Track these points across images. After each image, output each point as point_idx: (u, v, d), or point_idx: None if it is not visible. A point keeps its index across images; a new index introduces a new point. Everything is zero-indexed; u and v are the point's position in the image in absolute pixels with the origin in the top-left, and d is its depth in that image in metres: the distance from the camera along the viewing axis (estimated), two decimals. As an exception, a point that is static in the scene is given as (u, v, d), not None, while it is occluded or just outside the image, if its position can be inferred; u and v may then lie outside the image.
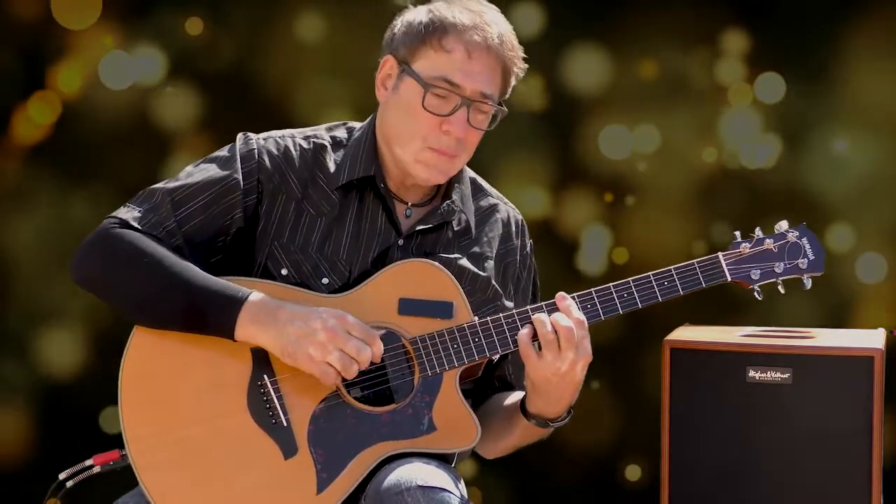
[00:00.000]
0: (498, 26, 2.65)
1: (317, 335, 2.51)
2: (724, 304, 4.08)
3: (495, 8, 2.70)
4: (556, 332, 2.56)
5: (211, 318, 2.54)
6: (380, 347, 2.55)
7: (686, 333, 3.19)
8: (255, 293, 2.55)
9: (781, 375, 3.02)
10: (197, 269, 2.58)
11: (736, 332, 3.20)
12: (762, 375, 3.03)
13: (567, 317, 2.57)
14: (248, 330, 2.54)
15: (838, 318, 4.00)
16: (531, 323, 2.58)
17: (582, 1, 4.14)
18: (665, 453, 3.09)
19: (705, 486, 3.07)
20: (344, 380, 2.56)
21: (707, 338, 3.13)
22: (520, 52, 2.69)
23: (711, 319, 3.40)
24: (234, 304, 2.54)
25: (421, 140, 2.63)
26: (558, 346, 2.55)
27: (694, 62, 4.13)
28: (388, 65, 2.68)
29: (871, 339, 3.10)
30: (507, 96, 2.73)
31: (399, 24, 2.68)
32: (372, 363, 2.55)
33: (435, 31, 2.61)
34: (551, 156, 4.20)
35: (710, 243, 4.06)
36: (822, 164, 4.09)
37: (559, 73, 4.16)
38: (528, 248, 2.87)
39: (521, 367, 2.79)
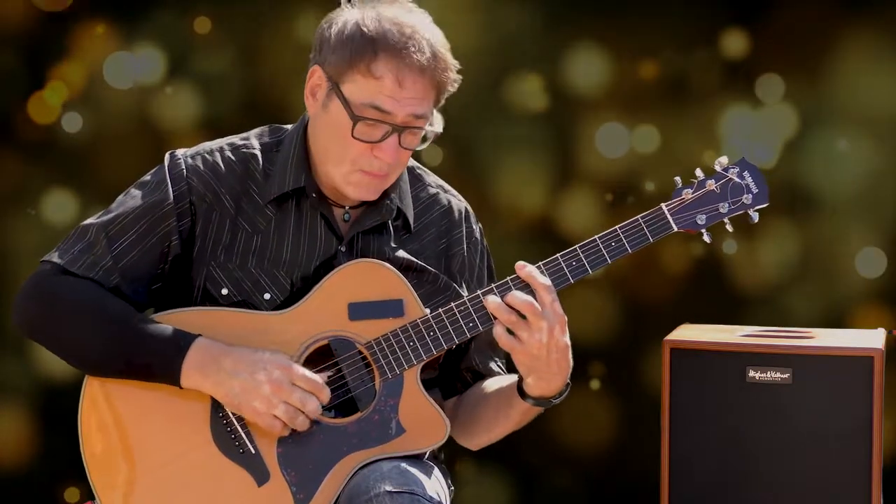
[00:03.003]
0: (430, 43, 2.52)
1: (261, 388, 2.47)
2: (724, 303, 4.09)
3: (427, 16, 2.58)
4: (516, 310, 2.50)
5: (155, 368, 2.51)
6: (327, 395, 2.51)
7: (686, 333, 3.19)
8: (198, 340, 2.51)
9: (781, 375, 3.02)
10: (139, 316, 2.53)
11: (736, 332, 3.21)
12: (762, 375, 3.03)
13: (532, 283, 2.51)
14: (193, 379, 2.50)
15: (838, 318, 4.00)
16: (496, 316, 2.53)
17: (582, 1, 4.14)
18: (665, 453, 3.09)
19: (705, 486, 3.07)
20: None
21: (707, 338, 3.13)
22: (453, 66, 2.57)
23: (711, 319, 3.40)
24: (177, 353, 2.50)
25: (350, 163, 2.56)
26: (525, 321, 2.50)
27: (694, 62, 4.13)
28: (316, 75, 2.57)
29: (871, 339, 3.10)
30: (439, 105, 2.63)
31: (327, 30, 2.56)
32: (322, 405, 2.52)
33: (364, 55, 2.50)
34: (551, 156, 4.20)
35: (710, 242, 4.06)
36: (822, 164, 4.09)
37: (559, 73, 4.16)
38: (477, 234, 2.80)
39: (487, 356, 2.78)
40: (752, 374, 3.03)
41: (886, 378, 3.00)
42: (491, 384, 2.76)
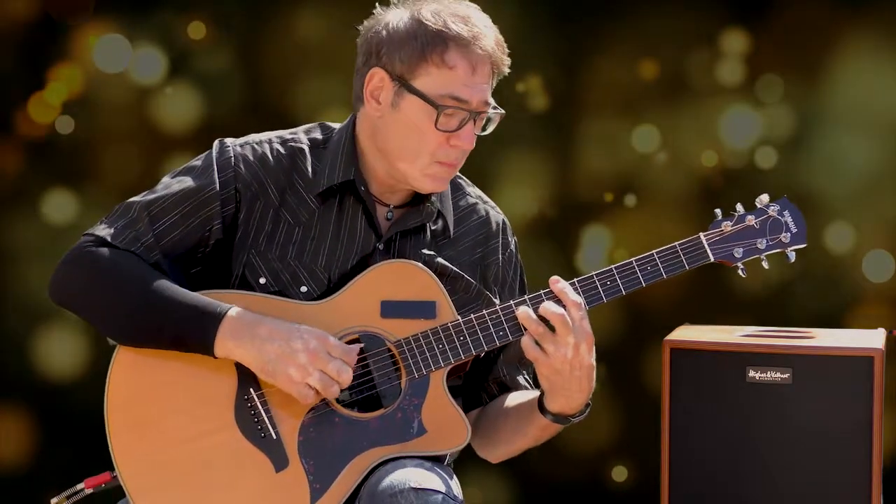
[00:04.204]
0: (490, 30, 2.61)
1: (297, 356, 2.49)
2: (724, 304, 4.09)
3: (476, 6, 2.65)
4: (546, 321, 2.53)
5: (190, 335, 2.52)
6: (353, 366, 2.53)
7: (686, 333, 3.19)
8: (233, 308, 2.53)
9: (781, 375, 3.02)
10: (174, 285, 2.55)
11: (736, 332, 3.20)
12: (762, 375, 3.03)
13: (564, 299, 2.54)
14: (227, 346, 2.51)
15: (838, 318, 4.00)
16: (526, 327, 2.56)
17: (582, 1, 4.15)
18: (665, 453, 3.09)
19: (705, 486, 3.07)
20: None
21: (707, 338, 3.13)
22: (506, 51, 2.65)
23: (711, 319, 3.40)
24: (213, 320, 2.51)
25: (429, 156, 2.60)
26: (553, 334, 2.52)
27: (694, 62, 4.13)
28: (377, 77, 2.60)
29: (871, 339, 3.10)
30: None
31: (382, 31, 2.60)
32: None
33: (435, 47, 2.55)
34: (551, 156, 4.21)
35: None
36: (822, 164, 4.09)
37: (559, 73, 4.16)
38: (513, 247, 2.82)
39: (515, 369, 2.79)
40: (752, 374, 3.03)
41: (886, 378, 2.99)
42: (514, 398, 2.77)
